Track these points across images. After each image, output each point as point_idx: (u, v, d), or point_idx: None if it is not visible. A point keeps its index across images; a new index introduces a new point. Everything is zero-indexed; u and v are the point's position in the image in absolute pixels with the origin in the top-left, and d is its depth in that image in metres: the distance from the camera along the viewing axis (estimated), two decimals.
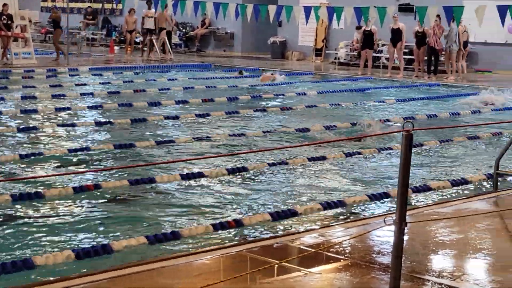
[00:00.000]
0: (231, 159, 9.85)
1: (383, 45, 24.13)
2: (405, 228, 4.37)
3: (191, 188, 8.48)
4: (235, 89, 18.43)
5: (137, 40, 27.89)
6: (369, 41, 22.17)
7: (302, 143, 10.94)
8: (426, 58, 21.81)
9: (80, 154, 10.04)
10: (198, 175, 8.86)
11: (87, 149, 10.25)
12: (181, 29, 29.96)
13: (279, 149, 10.38)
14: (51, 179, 8.49)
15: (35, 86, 17.65)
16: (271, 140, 11.59)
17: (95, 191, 8.05)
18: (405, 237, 4.60)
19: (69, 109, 14.13)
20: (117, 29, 32.14)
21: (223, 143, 11.14)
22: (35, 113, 13.60)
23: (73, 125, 12.35)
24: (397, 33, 21.50)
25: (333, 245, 5.85)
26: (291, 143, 11.39)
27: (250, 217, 7.18)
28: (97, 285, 4.99)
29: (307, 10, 20.52)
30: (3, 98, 15.16)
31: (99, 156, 10.06)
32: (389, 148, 10.86)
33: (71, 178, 8.58)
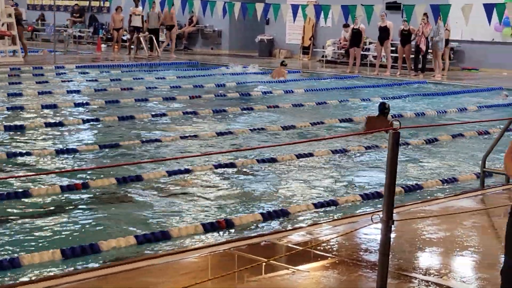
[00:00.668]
0: (220, 156, 9.84)
1: (371, 43, 24.19)
2: (392, 226, 4.38)
3: (179, 186, 8.46)
4: (222, 87, 18.42)
5: (124, 38, 27.81)
6: (357, 39, 22.22)
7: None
8: (413, 56, 21.90)
9: (67, 152, 9.99)
10: (185, 173, 8.85)
11: (74, 148, 10.22)
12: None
13: (277, 146, 10.39)
14: (38, 177, 8.45)
15: (22, 83, 17.57)
16: (260, 137, 11.60)
17: (83, 190, 8.03)
18: (392, 235, 4.61)
19: (55, 107, 14.08)
20: (104, 27, 32.03)
21: (211, 141, 11.14)
22: (22, 110, 13.55)
23: (60, 123, 12.30)
24: (384, 31, 21.57)
25: (320, 243, 5.86)
26: (281, 141, 11.38)
27: (240, 217, 7.15)
28: (84, 284, 4.98)
29: (295, 8, 20.55)
30: None
31: (86, 154, 10.03)
32: (376, 146, 10.88)
33: (58, 176, 8.54)
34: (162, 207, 7.63)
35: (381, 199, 7.55)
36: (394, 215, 4.40)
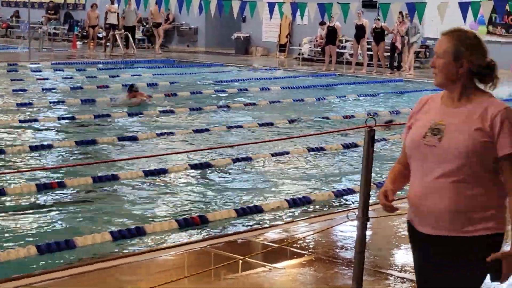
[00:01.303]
0: (195, 155, 9.82)
1: (347, 41, 24.26)
2: (368, 223, 4.40)
3: (155, 184, 8.44)
4: (199, 84, 18.39)
5: (100, 35, 27.64)
6: (332, 37, 22.27)
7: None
8: (388, 54, 22.01)
9: (42, 150, 9.92)
10: (161, 171, 8.83)
11: (49, 146, 10.14)
12: (144, 24, 29.75)
13: (253, 143, 10.39)
14: (13, 176, 8.38)
15: None
16: (236, 135, 11.60)
17: (58, 188, 7.98)
18: (368, 232, 4.63)
19: (30, 104, 13.96)
20: (79, 24, 31.82)
21: (187, 139, 11.12)
22: None
23: (35, 121, 12.20)
24: (361, 29, 21.64)
25: (297, 240, 5.87)
26: (258, 138, 11.38)
27: (214, 213, 7.17)
28: (59, 283, 4.95)
29: (271, 5, 20.52)
30: None
31: (62, 152, 9.96)
32: (354, 144, 10.91)
33: (33, 175, 8.47)
34: (137, 205, 7.61)
35: (357, 196, 7.57)
36: (370, 212, 4.42)
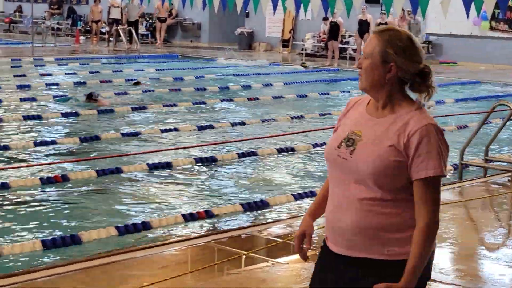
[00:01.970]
0: (200, 150, 9.85)
1: (350, 37, 24.25)
2: None
3: (160, 179, 8.46)
4: (203, 79, 18.40)
5: (103, 30, 27.65)
6: (334, 32, 22.27)
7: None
8: None
9: (46, 145, 9.95)
10: (166, 165, 8.86)
11: (53, 141, 10.17)
12: (148, 19, 29.78)
13: (258, 138, 10.41)
14: (18, 171, 8.42)
15: None
16: (241, 130, 11.62)
17: (63, 183, 8.00)
18: None
19: (34, 99, 13.98)
20: (82, 19, 31.83)
21: (191, 134, 11.15)
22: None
23: (39, 116, 12.22)
24: (364, 24, 21.64)
25: None
26: (261, 133, 11.40)
27: (220, 208, 7.19)
28: (65, 277, 4.98)
29: (275, 0, 20.43)
30: None
31: (66, 147, 9.99)
32: None
33: (38, 169, 8.50)
34: (143, 200, 7.63)
35: None
36: None
